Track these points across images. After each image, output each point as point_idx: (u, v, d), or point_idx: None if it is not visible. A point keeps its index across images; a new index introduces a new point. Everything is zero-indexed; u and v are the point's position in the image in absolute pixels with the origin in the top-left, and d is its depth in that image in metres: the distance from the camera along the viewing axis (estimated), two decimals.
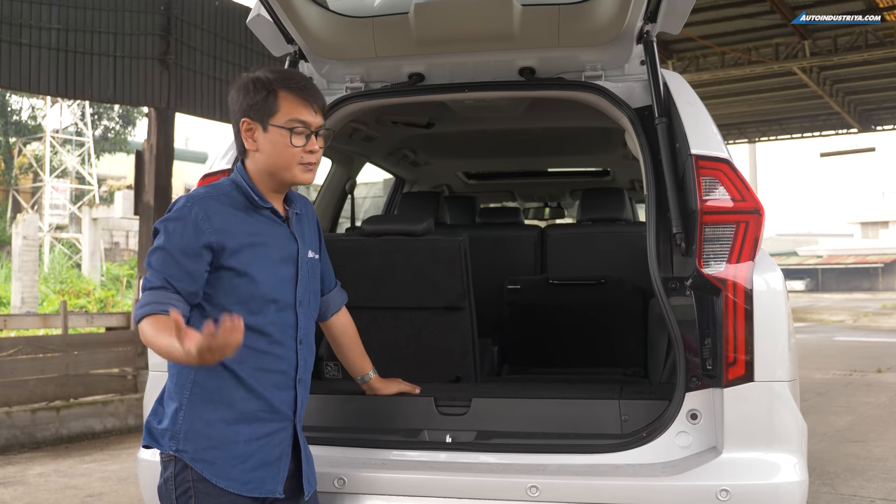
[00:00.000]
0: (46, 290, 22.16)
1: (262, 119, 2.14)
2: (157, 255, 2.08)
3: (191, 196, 2.14)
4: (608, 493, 2.32)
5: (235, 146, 2.23)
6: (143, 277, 2.12)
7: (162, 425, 2.12)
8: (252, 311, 2.11)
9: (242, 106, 2.15)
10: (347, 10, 2.97)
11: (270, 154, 2.15)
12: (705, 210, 2.46)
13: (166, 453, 2.11)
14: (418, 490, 2.40)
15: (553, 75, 3.07)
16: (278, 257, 2.19)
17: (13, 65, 8.77)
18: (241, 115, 2.15)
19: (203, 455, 2.07)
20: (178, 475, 2.08)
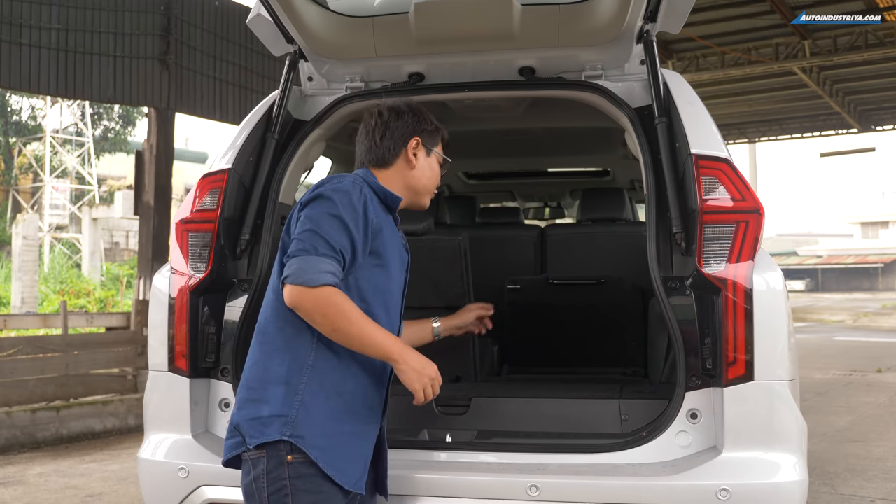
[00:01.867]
0: (46, 290, 22.15)
1: (429, 144, 2.38)
2: (330, 220, 2.06)
3: (354, 176, 2.21)
4: (608, 492, 2.32)
5: (376, 155, 2.31)
6: (304, 241, 2.03)
7: (269, 412, 2.05)
8: (384, 304, 2.20)
9: (416, 127, 2.35)
10: (347, 10, 2.97)
11: (425, 175, 2.36)
12: (705, 209, 2.47)
13: (255, 450, 2.04)
14: (418, 489, 2.40)
15: (553, 75, 3.07)
16: (399, 261, 2.28)
17: (13, 65, 8.77)
18: (414, 133, 2.34)
19: (319, 441, 2.04)
20: (272, 472, 2.02)
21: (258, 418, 2.06)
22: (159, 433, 2.72)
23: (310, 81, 3.25)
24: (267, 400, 2.07)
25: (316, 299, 2.00)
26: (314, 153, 3.25)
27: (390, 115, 2.34)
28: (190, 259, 2.77)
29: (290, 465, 2.02)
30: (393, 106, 2.37)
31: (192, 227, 2.80)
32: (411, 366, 2.09)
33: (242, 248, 2.85)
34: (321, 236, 2.04)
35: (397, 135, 2.33)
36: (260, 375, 2.11)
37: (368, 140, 2.33)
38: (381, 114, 2.35)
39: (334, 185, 2.14)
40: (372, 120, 2.35)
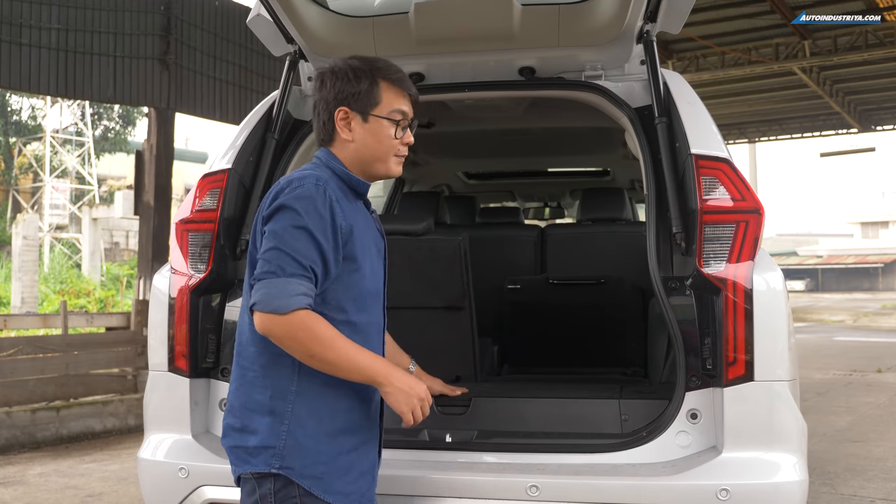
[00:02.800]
0: (46, 290, 22.15)
1: (363, 109, 2.05)
2: (296, 234, 1.87)
3: (316, 176, 1.97)
4: (608, 492, 2.32)
5: (319, 134, 2.10)
6: (270, 261, 1.87)
7: (255, 442, 1.93)
8: (360, 307, 2.02)
9: (341, 94, 2.04)
10: (347, 10, 2.97)
11: (368, 145, 2.06)
12: (705, 209, 2.46)
13: (260, 471, 1.94)
14: (418, 489, 2.40)
15: (553, 75, 3.07)
16: (375, 250, 2.10)
17: (13, 65, 8.77)
18: (339, 103, 2.04)
19: (311, 471, 1.93)
20: (280, 492, 1.92)
21: (244, 447, 1.95)
22: (159, 433, 2.72)
23: (310, 81, 3.25)
24: (253, 430, 1.95)
25: (287, 326, 1.84)
26: (314, 153, 3.24)
27: (317, 84, 2.08)
28: (190, 259, 2.77)
29: (299, 486, 1.93)
30: (320, 72, 2.09)
31: (192, 227, 2.80)
32: (398, 387, 1.92)
33: (242, 249, 2.85)
34: (288, 254, 1.87)
35: (323, 108, 2.07)
36: (243, 402, 1.98)
37: (314, 114, 2.12)
38: (314, 82, 2.10)
39: (296, 190, 1.92)
40: (315, 94, 2.11)
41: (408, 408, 1.93)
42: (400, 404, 1.93)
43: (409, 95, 2.12)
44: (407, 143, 2.12)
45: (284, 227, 1.89)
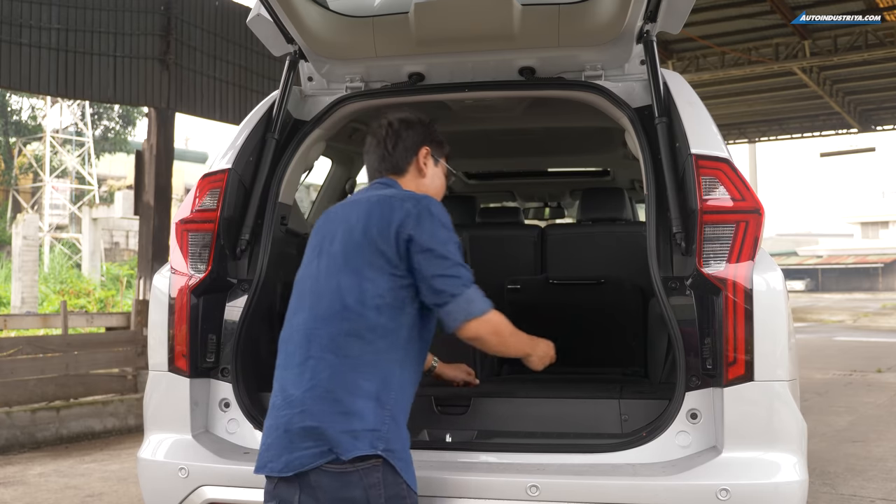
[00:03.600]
0: (46, 290, 22.16)
1: (438, 153, 2.51)
2: (454, 245, 2.22)
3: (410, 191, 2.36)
4: (608, 492, 2.32)
5: (394, 164, 2.42)
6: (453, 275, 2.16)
7: (361, 426, 2.07)
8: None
9: (425, 136, 2.46)
10: (347, 10, 2.97)
11: (434, 183, 2.51)
12: (705, 209, 2.46)
13: (366, 459, 2.05)
14: (418, 490, 2.40)
15: (553, 75, 3.07)
16: None
17: (13, 65, 8.77)
18: (424, 143, 2.45)
19: (403, 454, 2.14)
20: (388, 478, 2.08)
21: (350, 431, 2.07)
22: (159, 433, 2.72)
23: (310, 81, 3.25)
24: (357, 413, 2.08)
25: (489, 325, 2.22)
26: (314, 153, 3.25)
27: (401, 126, 2.44)
28: (190, 259, 2.77)
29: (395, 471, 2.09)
30: (403, 117, 2.46)
31: (192, 227, 2.80)
32: (539, 355, 2.50)
33: (242, 249, 2.85)
34: (459, 264, 2.19)
35: (409, 144, 2.42)
36: (347, 388, 2.10)
37: (380, 149, 2.43)
38: (392, 124, 2.44)
39: (438, 210, 2.23)
40: (382, 130, 2.44)
41: (542, 367, 2.53)
42: (536, 367, 2.52)
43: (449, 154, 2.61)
44: None
45: (447, 239, 2.20)
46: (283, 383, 2.20)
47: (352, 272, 2.18)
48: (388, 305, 2.15)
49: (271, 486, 2.17)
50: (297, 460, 2.08)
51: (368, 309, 2.15)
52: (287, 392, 2.16)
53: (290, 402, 2.14)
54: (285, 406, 2.14)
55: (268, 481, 2.18)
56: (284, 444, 2.10)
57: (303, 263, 2.36)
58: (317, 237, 2.36)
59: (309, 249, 2.37)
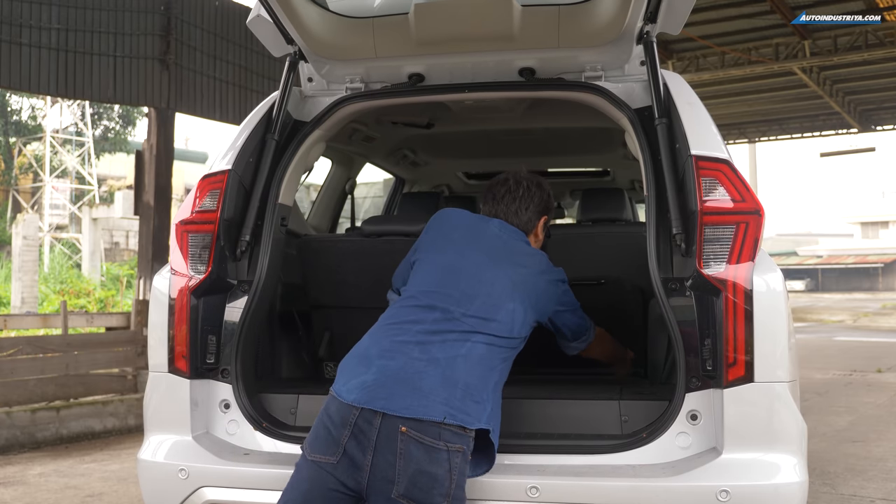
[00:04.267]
0: (46, 290, 22.16)
1: (548, 222, 2.83)
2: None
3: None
4: (608, 493, 2.32)
5: (524, 223, 2.74)
6: (580, 309, 2.83)
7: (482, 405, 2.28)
8: None
9: (547, 204, 2.80)
10: (347, 11, 2.97)
11: (540, 245, 2.83)
12: (705, 210, 2.46)
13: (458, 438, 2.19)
14: None
15: (553, 76, 3.07)
16: None
17: (13, 65, 8.76)
18: (546, 211, 2.80)
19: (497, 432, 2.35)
20: (460, 465, 2.20)
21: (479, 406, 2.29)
22: (159, 434, 2.72)
23: (310, 82, 3.24)
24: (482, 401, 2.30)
25: (598, 339, 3.01)
26: (314, 154, 3.25)
27: (536, 189, 2.76)
28: (190, 260, 2.77)
29: (464, 457, 2.22)
30: (538, 181, 2.78)
31: (192, 228, 2.80)
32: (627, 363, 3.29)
33: (242, 250, 2.85)
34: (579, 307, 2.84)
35: (538, 210, 2.76)
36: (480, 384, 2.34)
37: (515, 205, 2.73)
38: (530, 187, 2.75)
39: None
40: (521, 188, 2.74)
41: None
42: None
43: None
44: None
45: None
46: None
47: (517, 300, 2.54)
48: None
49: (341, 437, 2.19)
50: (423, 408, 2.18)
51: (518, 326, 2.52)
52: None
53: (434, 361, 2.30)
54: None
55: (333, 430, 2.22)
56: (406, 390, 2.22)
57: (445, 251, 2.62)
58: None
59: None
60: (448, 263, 2.55)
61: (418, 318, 2.39)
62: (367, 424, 2.16)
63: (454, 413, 2.19)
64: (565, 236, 4.53)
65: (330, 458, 2.19)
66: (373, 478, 2.15)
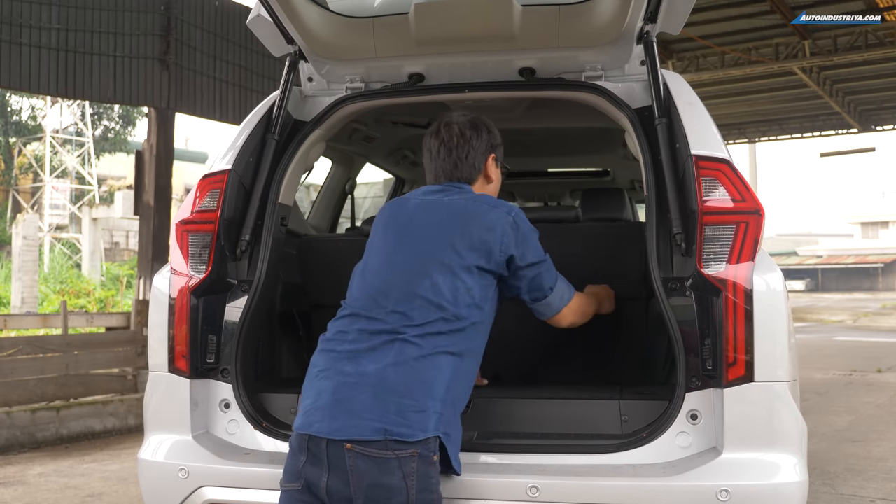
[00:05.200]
0: (46, 290, 22.16)
1: (499, 157, 2.63)
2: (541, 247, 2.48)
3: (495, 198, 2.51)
4: (608, 493, 2.32)
5: (465, 173, 2.52)
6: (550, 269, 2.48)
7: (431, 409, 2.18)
8: None
9: (492, 143, 2.58)
10: (347, 11, 2.97)
11: (496, 184, 2.63)
12: (705, 210, 2.46)
13: (409, 446, 2.12)
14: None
15: (553, 75, 3.07)
16: None
17: (13, 65, 8.77)
18: (491, 150, 2.57)
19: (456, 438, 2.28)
20: (421, 470, 2.13)
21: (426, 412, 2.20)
22: (159, 434, 2.72)
23: (310, 82, 3.24)
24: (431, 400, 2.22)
25: (577, 306, 2.60)
26: (314, 154, 3.25)
27: (472, 133, 2.53)
28: (190, 260, 2.77)
29: (433, 465, 2.16)
30: (471, 121, 2.55)
31: (192, 228, 2.80)
32: (606, 308, 2.91)
33: (242, 249, 2.85)
34: (549, 260, 2.48)
35: (479, 153, 2.54)
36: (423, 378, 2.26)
37: (452, 157, 2.51)
38: (463, 133, 2.52)
39: (518, 209, 2.44)
40: (453, 138, 2.52)
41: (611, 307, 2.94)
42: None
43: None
44: None
45: (538, 243, 2.45)
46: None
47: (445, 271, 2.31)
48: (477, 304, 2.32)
49: (298, 464, 2.18)
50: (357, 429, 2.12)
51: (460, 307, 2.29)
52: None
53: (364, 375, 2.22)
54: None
55: (294, 457, 2.21)
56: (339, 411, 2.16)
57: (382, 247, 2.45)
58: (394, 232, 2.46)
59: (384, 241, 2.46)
60: (368, 264, 2.44)
61: (345, 330, 2.30)
62: (317, 447, 2.15)
63: (390, 429, 2.11)
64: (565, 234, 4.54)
65: (295, 484, 2.19)
66: (331, 499, 2.13)
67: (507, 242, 2.35)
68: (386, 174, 6.31)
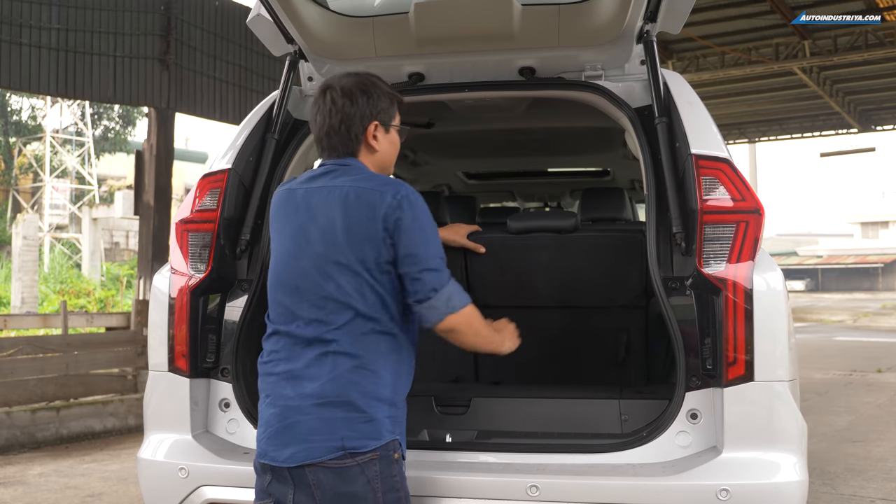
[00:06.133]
0: (46, 290, 22.16)
1: (386, 122, 2.32)
2: (436, 236, 2.22)
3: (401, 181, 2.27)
4: (608, 492, 2.32)
5: (346, 145, 2.27)
6: (436, 268, 2.16)
7: (379, 416, 2.12)
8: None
9: (374, 109, 2.29)
10: (347, 10, 2.97)
11: (389, 153, 2.35)
12: (705, 210, 2.46)
13: (365, 453, 2.08)
14: (418, 490, 2.40)
15: (553, 75, 3.07)
16: None
17: (13, 65, 8.77)
18: (371, 118, 2.28)
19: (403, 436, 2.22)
20: (384, 471, 2.10)
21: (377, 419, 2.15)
22: (159, 433, 2.72)
23: (310, 81, 3.25)
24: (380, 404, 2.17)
25: (467, 318, 2.21)
26: (314, 153, 3.24)
27: (344, 101, 2.25)
28: (190, 259, 2.77)
29: (397, 465, 2.14)
30: (345, 86, 2.27)
31: (192, 228, 2.80)
32: (508, 347, 2.39)
33: (242, 249, 2.85)
34: (441, 257, 2.20)
35: (356, 121, 2.26)
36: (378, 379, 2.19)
37: (326, 126, 2.27)
38: (335, 100, 2.25)
39: (413, 192, 2.20)
40: (327, 106, 2.26)
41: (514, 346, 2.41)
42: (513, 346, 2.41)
43: (401, 103, 2.40)
44: None
45: (432, 228, 2.20)
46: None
47: (346, 271, 2.15)
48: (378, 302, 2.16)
49: (264, 483, 2.17)
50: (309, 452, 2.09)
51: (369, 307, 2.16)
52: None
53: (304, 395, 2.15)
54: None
55: (260, 477, 2.19)
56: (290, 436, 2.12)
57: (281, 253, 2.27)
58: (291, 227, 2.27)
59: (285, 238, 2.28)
60: (275, 274, 2.28)
61: (275, 349, 2.21)
62: (279, 468, 2.13)
63: (345, 444, 2.07)
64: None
65: (266, 501, 2.19)
66: None
67: (390, 229, 2.14)
68: None
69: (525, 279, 3.21)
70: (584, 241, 3.30)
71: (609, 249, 3.29)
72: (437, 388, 2.97)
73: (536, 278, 3.21)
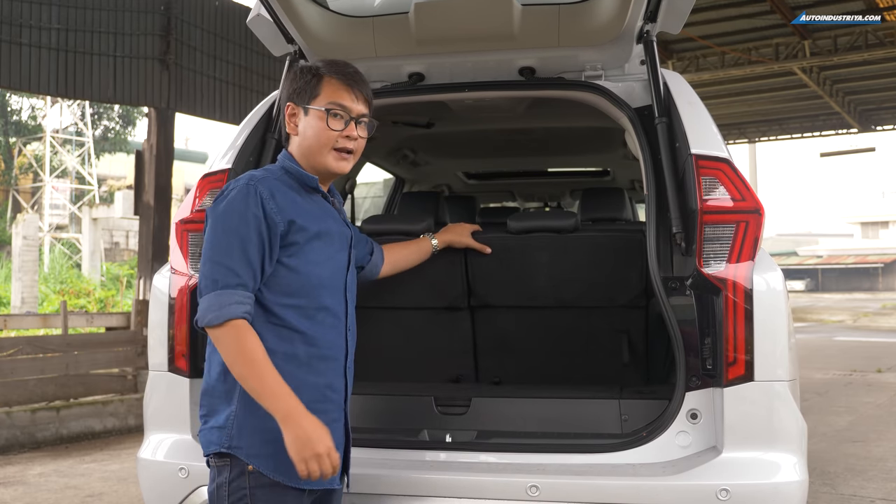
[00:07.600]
0: (46, 290, 22.15)
1: (303, 102, 2.16)
2: (228, 243, 2.00)
3: (250, 175, 2.10)
4: (608, 492, 2.32)
5: (283, 135, 2.24)
6: (206, 276, 2.00)
7: (212, 423, 2.07)
8: (308, 292, 2.11)
9: (288, 91, 2.19)
10: (347, 10, 2.97)
11: (307, 137, 2.16)
12: (705, 210, 2.46)
13: (220, 457, 2.04)
14: (418, 490, 2.40)
15: (553, 75, 3.07)
16: (330, 240, 2.19)
17: (13, 65, 8.77)
18: (287, 99, 2.19)
19: (259, 450, 2.01)
20: (234, 481, 2.02)
21: (205, 428, 2.10)
22: (159, 433, 2.72)
23: None
24: (214, 411, 2.08)
25: (223, 336, 1.95)
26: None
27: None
28: (190, 259, 2.77)
29: (250, 477, 2.01)
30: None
31: (192, 227, 2.80)
32: (297, 433, 1.89)
33: None
34: (222, 265, 1.99)
35: (281, 108, 2.21)
36: (209, 385, 2.12)
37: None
38: None
39: (226, 199, 2.05)
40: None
41: (299, 457, 1.90)
42: (293, 452, 1.91)
43: (361, 95, 2.20)
44: (348, 136, 2.17)
45: (218, 237, 2.02)
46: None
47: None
48: None
49: None
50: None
51: None
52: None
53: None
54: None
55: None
56: None
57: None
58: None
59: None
60: None
61: None
62: None
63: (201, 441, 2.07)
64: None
65: None
66: None
67: None
68: (386, 174, 6.31)
69: (525, 279, 3.21)
70: (584, 242, 3.29)
71: (609, 249, 3.28)
72: (437, 388, 2.97)
73: (536, 278, 3.20)
